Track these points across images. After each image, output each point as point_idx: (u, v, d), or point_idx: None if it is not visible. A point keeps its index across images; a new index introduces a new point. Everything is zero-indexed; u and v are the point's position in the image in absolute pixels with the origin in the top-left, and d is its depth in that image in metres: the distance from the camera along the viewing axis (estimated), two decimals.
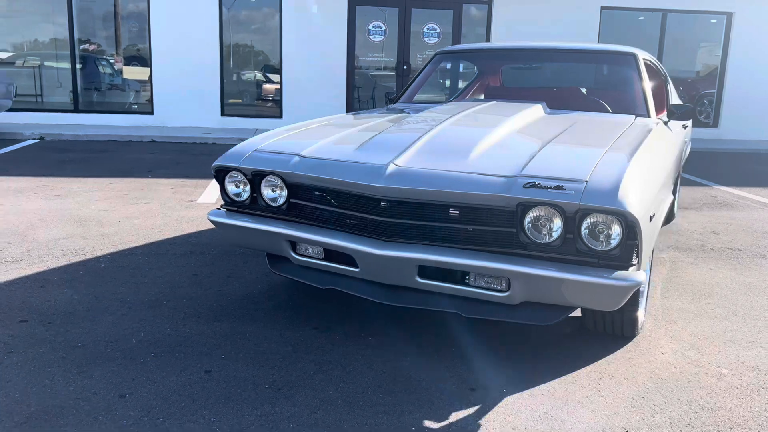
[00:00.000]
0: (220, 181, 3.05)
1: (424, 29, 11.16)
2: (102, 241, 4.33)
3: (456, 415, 2.29)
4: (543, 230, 2.42)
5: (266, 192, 2.95)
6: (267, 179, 2.93)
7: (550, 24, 11.28)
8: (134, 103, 11.72)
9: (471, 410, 2.33)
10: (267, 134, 3.25)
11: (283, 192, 2.91)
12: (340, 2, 10.93)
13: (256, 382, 2.49)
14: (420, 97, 4.45)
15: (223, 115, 11.14)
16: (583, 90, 4.63)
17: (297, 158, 2.87)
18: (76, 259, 3.93)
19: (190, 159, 8.15)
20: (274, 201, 2.95)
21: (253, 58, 11.66)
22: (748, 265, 4.28)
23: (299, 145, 2.99)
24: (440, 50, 4.62)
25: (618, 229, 2.32)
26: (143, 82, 11.45)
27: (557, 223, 2.39)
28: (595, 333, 3.03)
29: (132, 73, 11.71)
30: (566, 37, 11.12)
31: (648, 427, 2.26)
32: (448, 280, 2.63)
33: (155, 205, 5.46)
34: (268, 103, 11.68)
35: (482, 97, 5.12)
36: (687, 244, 4.76)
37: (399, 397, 2.41)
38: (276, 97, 11.47)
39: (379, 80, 11.52)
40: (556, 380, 2.58)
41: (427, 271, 2.63)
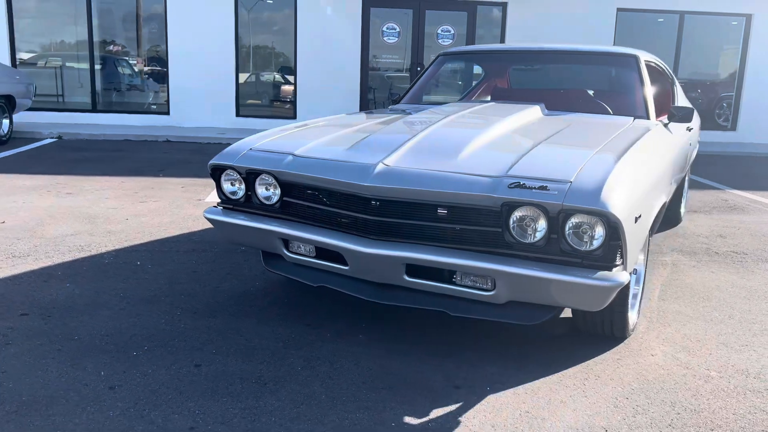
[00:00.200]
0: (216, 180, 3.11)
1: (438, 31, 11.18)
2: (108, 238, 4.41)
3: (437, 412, 2.32)
4: (528, 230, 2.43)
5: (260, 190, 3.00)
6: (261, 178, 2.98)
7: (565, 26, 11.23)
8: (153, 104, 11.89)
9: (452, 407, 2.35)
10: (264, 133, 3.30)
11: (277, 190, 2.95)
12: (354, 4, 10.99)
13: (243, 376, 2.53)
14: (434, 97, 4.48)
15: (238, 115, 11.26)
16: (590, 92, 4.63)
17: (290, 157, 2.92)
18: (81, 255, 4.02)
19: (202, 159, 8.25)
20: (268, 199, 3.00)
21: (268, 60, 11.77)
22: (752, 269, 4.24)
23: (293, 145, 3.03)
24: (443, 51, 4.64)
25: (601, 229, 2.33)
26: (162, 83, 11.61)
27: (541, 223, 2.41)
28: (587, 334, 3.03)
29: (152, 73, 11.89)
30: (581, 39, 11.07)
31: (628, 427, 2.27)
32: (436, 278, 2.65)
33: (164, 203, 5.54)
34: (282, 104, 11.77)
35: (489, 97, 5.15)
36: (691, 247, 4.72)
37: (383, 394, 2.43)
38: (291, 97, 11.56)
39: (395, 81, 11.56)
40: (542, 379, 2.59)
41: (415, 269, 2.66)
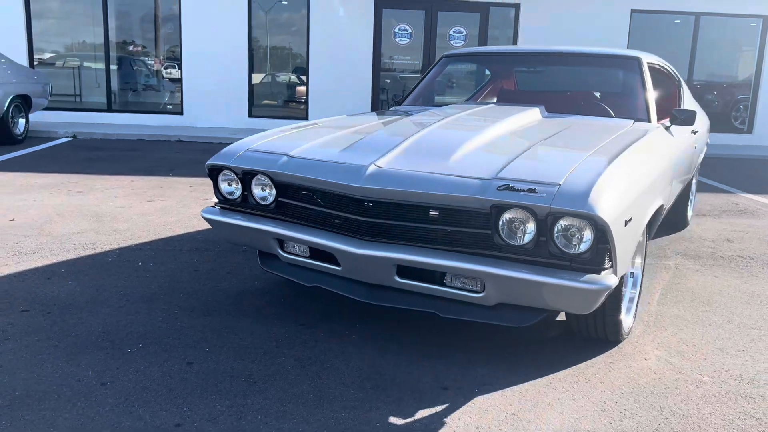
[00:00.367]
0: (214, 180, 3.14)
1: (451, 32, 11.17)
2: (113, 236, 4.47)
3: (423, 413, 2.33)
4: (517, 233, 2.44)
5: (256, 191, 3.03)
6: (257, 178, 3.00)
7: (578, 27, 11.17)
8: (169, 104, 12.01)
9: (438, 408, 2.36)
10: (263, 134, 3.33)
11: (272, 191, 2.98)
12: (366, 5, 11.02)
13: (233, 374, 2.56)
14: (445, 99, 4.48)
15: (250, 116, 11.33)
16: (597, 94, 4.61)
17: (285, 158, 2.94)
18: (85, 253, 4.08)
19: None
20: (264, 200, 3.03)
21: (281, 60, 11.83)
22: (756, 273, 4.19)
23: (289, 146, 3.06)
24: (446, 53, 4.64)
25: (589, 232, 2.33)
26: (177, 83, 11.72)
27: (530, 226, 2.41)
28: (581, 337, 3.02)
29: (167, 74, 12.01)
30: (594, 41, 11.00)
31: (614, 431, 2.26)
32: (426, 280, 2.66)
33: (171, 202, 5.60)
34: (294, 105, 11.83)
35: (495, 99, 5.15)
36: (697, 251, 4.68)
37: (370, 394, 2.45)
38: (303, 98, 11.61)
39: (407, 82, 11.57)
40: (531, 382, 2.59)
41: (406, 270, 2.67)
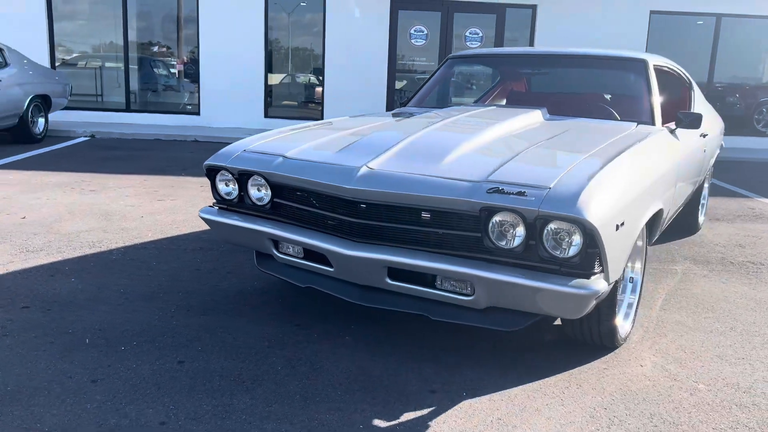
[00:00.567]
0: (211, 180, 3.16)
1: (467, 33, 11.13)
2: (120, 235, 4.53)
3: (407, 416, 2.32)
4: (507, 236, 2.42)
5: (252, 191, 3.04)
6: (253, 179, 3.02)
7: (596, 28, 11.06)
8: (186, 104, 12.13)
9: (424, 411, 2.35)
10: (262, 135, 3.35)
11: (268, 192, 2.99)
12: (382, 6, 11.02)
13: (223, 374, 2.57)
14: (462, 100, 4.47)
15: (266, 116, 11.40)
16: (608, 97, 4.56)
17: (281, 159, 2.95)
18: (91, 251, 4.13)
19: None
20: (260, 200, 3.04)
21: (297, 61, 11.89)
22: (765, 280, 4.11)
23: (286, 147, 3.07)
24: (452, 55, 4.63)
25: (578, 236, 2.30)
26: (195, 84, 11.82)
27: (520, 229, 2.39)
28: (578, 342, 2.99)
29: (185, 74, 12.12)
30: (612, 43, 10.88)
31: None
32: (417, 282, 2.65)
33: (180, 201, 5.66)
34: (310, 105, 11.87)
35: (504, 101, 5.12)
36: (706, 257, 4.61)
37: (357, 396, 2.45)
38: (319, 99, 11.65)
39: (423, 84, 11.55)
40: (521, 386, 2.57)
41: (397, 273, 2.66)
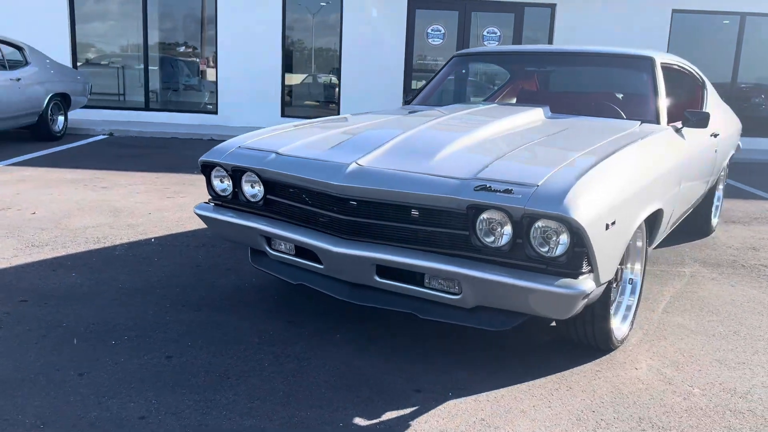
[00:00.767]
0: (207, 176, 3.17)
1: (484, 32, 11.05)
2: (126, 231, 4.57)
3: (389, 415, 2.29)
4: (494, 234, 2.38)
5: (246, 188, 3.04)
6: (247, 175, 3.01)
7: (616, 28, 10.90)
8: (205, 103, 12.22)
9: (406, 411, 2.32)
10: (259, 131, 3.35)
11: (261, 188, 2.99)
12: (399, 6, 10.99)
13: (209, 369, 2.57)
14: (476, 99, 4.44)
15: (282, 116, 11.43)
16: (620, 96, 4.48)
17: (273, 156, 2.94)
18: (95, 246, 4.17)
19: None
20: (254, 197, 3.04)
21: (314, 61, 11.91)
22: None
23: (280, 144, 3.06)
24: (457, 52, 4.59)
25: (565, 235, 2.26)
26: (213, 83, 11.91)
27: (507, 228, 2.35)
28: (573, 344, 2.93)
29: (203, 73, 12.22)
30: (633, 42, 10.72)
31: None
32: (406, 280, 2.62)
33: (189, 199, 5.69)
34: (326, 104, 11.89)
35: (514, 99, 5.06)
36: (717, 259, 4.51)
37: (340, 394, 2.43)
38: (335, 98, 11.66)
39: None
40: (509, 387, 2.53)
41: (385, 270, 2.64)
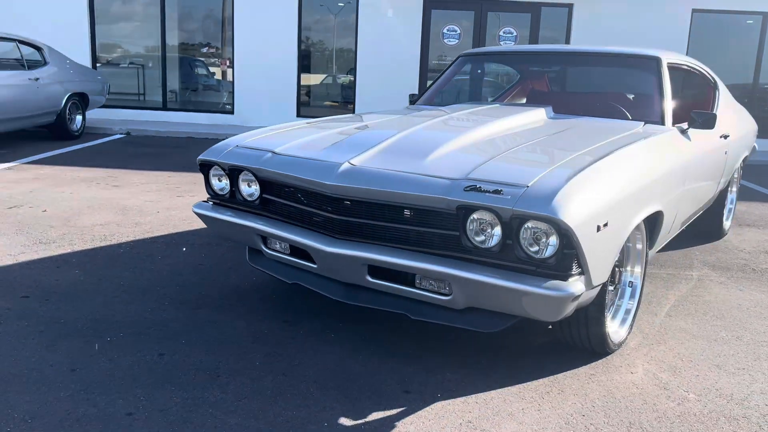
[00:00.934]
0: (205, 175, 3.18)
1: (501, 33, 10.98)
2: (133, 229, 4.61)
3: (376, 415, 2.28)
4: (484, 235, 2.36)
5: (243, 187, 3.05)
6: (243, 174, 3.02)
7: (634, 28, 10.77)
8: (222, 103, 12.31)
9: (393, 411, 2.31)
10: (258, 130, 3.36)
11: (257, 187, 3.00)
12: (415, 6, 10.97)
13: (200, 367, 2.58)
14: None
15: (298, 116, 11.47)
16: (631, 96, 4.43)
17: (269, 155, 2.95)
18: (101, 244, 4.22)
19: None
20: (250, 196, 3.05)
21: (329, 61, 11.93)
22: None
23: (277, 143, 3.06)
24: (463, 52, 4.56)
25: (554, 237, 2.23)
26: (230, 83, 11.99)
27: (497, 229, 2.33)
28: (569, 347, 2.90)
29: (221, 74, 12.31)
30: (651, 42, 10.58)
31: None
32: (397, 281, 2.61)
33: (199, 198, 5.73)
34: (342, 105, 11.91)
35: (524, 99, 5.03)
36: (727, 263, 4.43)
37: (329, 393, 2.42)
38: (350, 98, 11.68)
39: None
40: (500, 390, 2.50)
41: (377, 271, 2.63)
